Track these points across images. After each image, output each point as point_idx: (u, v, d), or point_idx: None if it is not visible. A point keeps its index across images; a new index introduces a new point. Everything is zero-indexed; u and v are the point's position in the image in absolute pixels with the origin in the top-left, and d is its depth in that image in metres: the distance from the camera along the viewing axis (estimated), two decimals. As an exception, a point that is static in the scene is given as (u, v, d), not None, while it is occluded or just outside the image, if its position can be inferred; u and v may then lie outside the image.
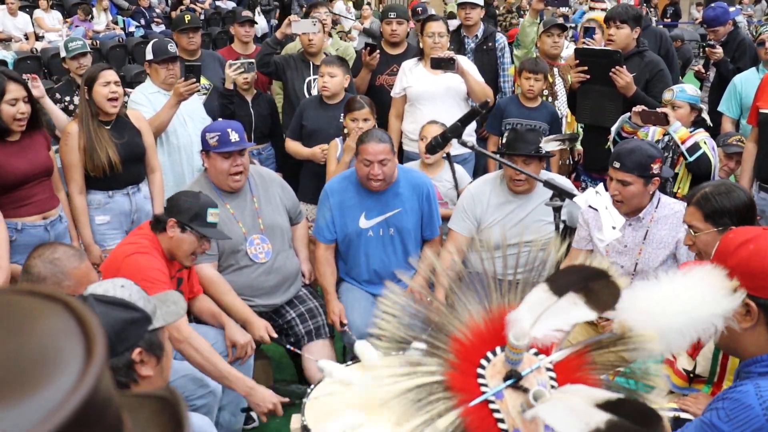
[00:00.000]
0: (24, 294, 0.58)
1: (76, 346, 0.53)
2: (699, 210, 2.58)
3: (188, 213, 2.94)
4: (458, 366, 1.09)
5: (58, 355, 0.52)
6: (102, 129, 3.60)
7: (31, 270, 2.35)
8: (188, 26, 4.73)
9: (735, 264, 1.63)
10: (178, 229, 2.94)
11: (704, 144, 3.73)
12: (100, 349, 0.53)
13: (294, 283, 3.59)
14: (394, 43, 4.97)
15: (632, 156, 3.08)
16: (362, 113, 3.96)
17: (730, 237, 1.73)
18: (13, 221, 3.31)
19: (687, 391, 2.56)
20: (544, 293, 1.10)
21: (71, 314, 0.56)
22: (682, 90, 3.95)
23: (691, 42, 13.87)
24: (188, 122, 4.14)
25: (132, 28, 12.30)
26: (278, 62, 4.76)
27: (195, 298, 3.28)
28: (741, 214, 2.52)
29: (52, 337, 0.53)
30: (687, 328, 1.22)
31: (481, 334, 1.13)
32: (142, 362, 1.76)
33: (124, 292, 1.82)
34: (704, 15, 5.88)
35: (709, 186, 2.66)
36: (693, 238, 2.61)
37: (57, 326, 0.55)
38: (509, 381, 1.07)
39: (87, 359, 0.52)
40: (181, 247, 2.96)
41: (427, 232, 3.69)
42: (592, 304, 1.09)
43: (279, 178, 3.80)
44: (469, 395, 1.06)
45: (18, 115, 3.24)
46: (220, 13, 13.81)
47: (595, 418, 0.93)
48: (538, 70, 4.51)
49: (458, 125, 2.49)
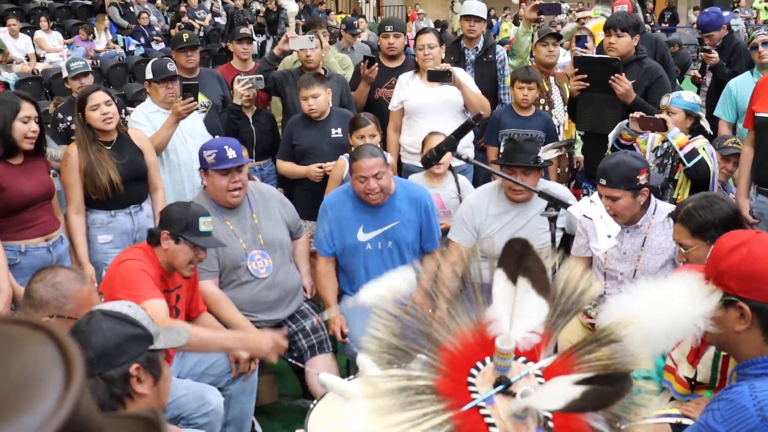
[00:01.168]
0: (10, 322, 0.60)
1: (57, 373, 0.55)
2: (684, 227, 2.60)
3: (180, 224, 2.96)
4: (449, 374, 1.12)
5: (38, 382, 0.54)
6: (102, 150, 3.62)
7: (33, 294, 2.37)
8: (186, 45, 4.76)
9: (728, 267, 1.65)
10: (171, 240, 2.96)
11: (703, 150, 3.74)
12: (79, 375, 0.56)
13: (296, 298, 3.60)
14: (391, 56, 5.01)
15: (617, 170, 3.09)
16: (368, 130, 4.00)
17: (723, 241, 1.74)
18: (16, 244, 3.33)
19: (689, 398, 2.56)
20: (504, 282, 1.14)
21: (53, 342, 0.58)
22: (678, 96, 3.97)
23: (689, 46, 13.90)
24: (188, 140, 4.17)
25: (132, 46, 12.40)
26: (276, 78, 4.80)
27: (199, 318, 3.29)
28: (726, 225, 2.52)
29: (33, 364, 0.56)
30: (669, 329, 1.25)
31: (470, 346, 1.15)
32: (139, 379, 1.80)
33: (130, 311, 1.89)
34: (698, 20, 5.91)
35: (690, 201, 2.67)
36: (685, 255, 2.62)
37: (39, 353, 0.57)
38: (499, 387, 1.09)
39: (66, 386, 0.55)
40: (177, 258, 2.98)
41: (426, 244, 3.70)
42: (535, 286, 1.13)
43: (278, 194, 3.82)
44: (459, 401, 1.08)
45: (29, 133, 3.29)
46: (220, 29, 13.92)
47: (573, 392, 0.99)
48: (531, 78, 4.53)
49: (453, 138, 2.51)
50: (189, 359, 3.17)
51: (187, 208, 3.03)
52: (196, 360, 3.18)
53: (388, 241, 3.61)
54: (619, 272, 3.24)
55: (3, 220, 3.29)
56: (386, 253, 3.62)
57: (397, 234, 3.61)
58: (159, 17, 13.92)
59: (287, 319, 3.55)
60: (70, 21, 12.68)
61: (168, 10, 14.98)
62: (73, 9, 13.70)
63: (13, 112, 3.25)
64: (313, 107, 4.22)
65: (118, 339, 1.80)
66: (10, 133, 3.25)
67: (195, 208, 3.05)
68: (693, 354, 2.49)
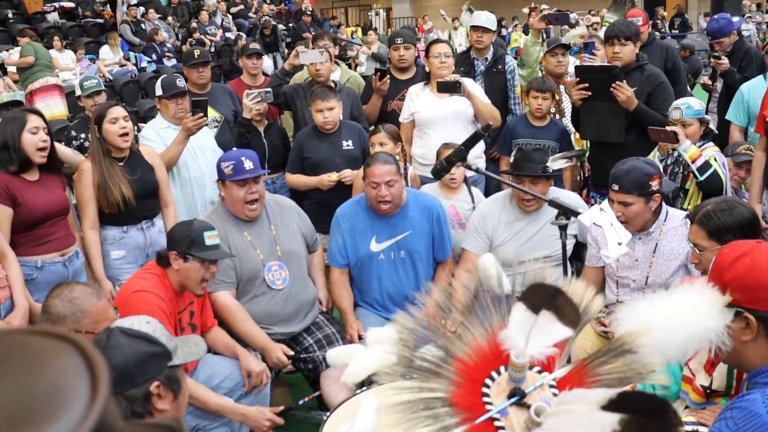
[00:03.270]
0: (36, 334, 0.62)
1: (83, 384, 0.57)
2: (702, 228, 2.59)
3: (185, 242, 2.98)
4: (463, 385, 1.12)
5: (65, 393, 0.56)
6: (115, 166, 3.66)
7: (50, 310, 2.39)
8: (197, 61, 4.80)
9: (731, 278, 1.65)
10: (180, 260, 2.99)
11: (714, 161, 3.72)
12: (104, 386, 0.58)
13: (311, 311, 3.62)
14: (402, 68, 5.03)
15: (629, 176, 3.08)
16: (378, 137, 4.06)
17: (726, 252, 1.74)
18: (33, 259, 3.37)
19: (705, 406, 2.55)
20: (524, 312, 1.13)
21: (80, 354, 0.60)
22: (689, 107, 3.93)
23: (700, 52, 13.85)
24: (199, 155, 4.20)
25: (144, 63, 12.50)
26: (287, 92, 4.82)
27: (210, 332, 3.31)
28: (744, 230, 2.52)
29: (61, 376, 0.58)
30: (684, 340, 1.24)
31: (484, 355, 1.16)
32: (159, 396, 1.80)
33: (149, 328, 1.89)
34: (708, 27, 5.89)
35: (710, 203, 2.66)
36: (699, 257, 2.62)
37: (66, 365, 0.59)
38: (513, 398, 1.09)
39: (92, 396, 0.57)
40: (189, 277, 3.00)
41: (439, 254, 3.71)
42: (563, 320, 1.12)
43: (296, 206, 3.82)
44: (473, 413, 1.09)
45: (40, 143, 3.33)
46: (231, 45, 14.01)
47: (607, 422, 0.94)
48: (546, 88, 4.55)
49: (462, 149, 2.53)
50: (201, 373, 3.19)
51: (189, 225, 3.05)
52: (209, 374, 3.19)
53: (400, 251, 3.62)
54: (631, 279, 3.24)
55: (19, 236, 3.33)
56: (399, 263, 3.63)
57: (409, 244, 3.62)
58: (170, 33, 14.04)
59: (302, 331, 3.56)
60: (82, 39, 12.81)
61: (179, 27, 15.12)
62: (85, 27, 13.85)
63: (21, 126, 3.30)
64: (328, 119, 4.23)
65: (138, 357, 1.80)
66: (20, 146, 3.29)
67: (198, 224, 3.07)
68: (710, 363, 2.48)
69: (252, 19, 17.05)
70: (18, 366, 0.57)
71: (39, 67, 9.15)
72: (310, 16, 17.32)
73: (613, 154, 4.02)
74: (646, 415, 0.93)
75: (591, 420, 0.97)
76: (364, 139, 4.41)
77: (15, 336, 0.62)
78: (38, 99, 8.56)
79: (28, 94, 8.79)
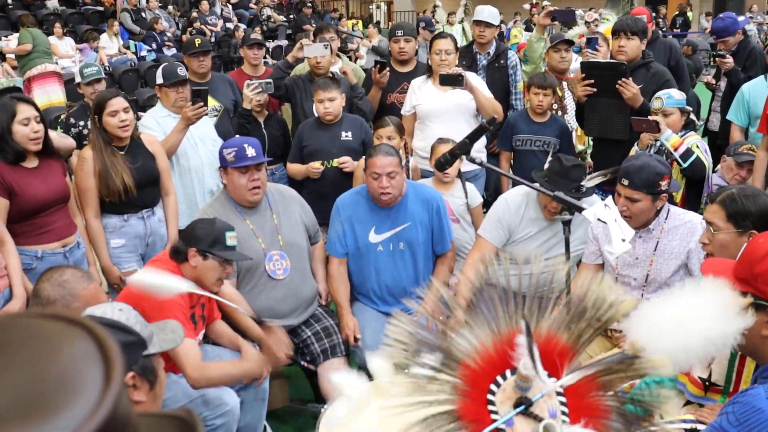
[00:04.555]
0: (47, 317, 0.60)
1: (96, 370, 0.55)
2: (723, 209, 2.60)
3: (207, 240, 2.95)
4: (468, 393, 1.09)
5: (78, 380, 0.54)
6: (116, 154, 3.63)
7: (40, 293, 2.37)
8: (198, 50, 4.78)
9: (762, 271, 1.63)
10: (200, 257, 2.95)
11: (696, 148, 3.75)
12: (119, 373, 0.56)
13: (311, 305, 3.60)
14: (403, 61, 5.01)
15: (641, 173, 3.06)
16: (386, 131, 4.07)
17: (760, 242, 1.71)
18: (33, 249, 3.32)
19: (703, 401, 2.55)
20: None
21: (92, 339, 0.58)
22: (669, 96, 3.97)
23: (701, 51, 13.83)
24: (199, 145, 4.18)
25: (144, 52, 12.44)
26: (287, 84, 4.80)
27: (213, 324, 3.29)
28: (764, 219, 2.54)
29: (73, 362, 0.56)
30: (699, 347, 1.21)
31: (490, 359, 1.13)
32: (135, 386, 1.75)
33: (122, 316, 1.82)
34: (713, 26, 5.88)
35: (735, 188, 2.69)
36: (711, 236, 2.61)
37: (78, 351, 0.57)
38: (519, 408, 1.07)
39: (106, 384, 0.55)
40: (207, 275, 2.97)
41: (438, 246, 3.69)
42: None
43: (298, 196, 3.80)
44: (479, 425, 1.06)
45: (32, 134, 3.25)
46: (231, 35, 13.96)
47: None
48: (547, 84, 4.53)
49: (466, 142, 2.51)
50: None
51: (212, 223, 3.02)
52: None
53: (399, 242, 3.60)
54: (632, 278, 3.23)
55: (18, 225, 3.28)
56: (398, 254, 3.61)
57: (408, 235, 3.59)
58: (170, 23, 13.98)
59: (300, 323, 3.54)
60: (82, 27, 12.75)
61: (179, 16, 15.06)
62: (85, 15, 13.79)
63: (10, 116, 3.21)
64: (329, 110, 4.22)
65: None
66: (11, 137, 3.21)
67: (220, 223, 3.04)
68: (708, 355, 2.47)
69: (253, 10, 16.99)
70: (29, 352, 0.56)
71: (37, 53, 9.11)
72: (311, 7, 17.26)
73: (616, 152, 4.01)
74: None
75: None
76: (366, 132, 4.39)
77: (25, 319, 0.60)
78: (36, 86, 8.51)
79: (26, 80, 8.74)
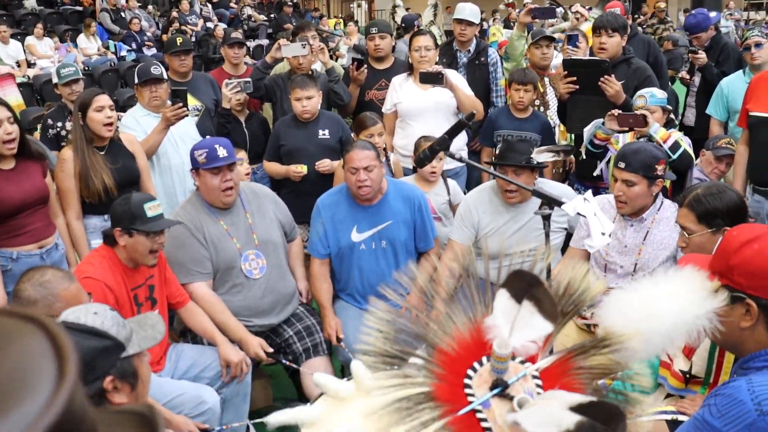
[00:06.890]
0: (1, 314, 0.59)
1: (49, 367, 0.54)
2: (692, 212, 2.62)
3: (126, 217, 2.94)
4: (445, 377, 1.09)
5: (29, 377, 0.53)
6: (96, 155, 3.60)
7: (21, 294, 2.34)
8: (179, 49, 4.76)
9: (737, 263, 1.63)
10: (126, 235, 2.95)
11: (682, 141, 3.79)
12: (72, 369, 0.54)
13: (290, 303, 3.58)
14: (379, 57, 5.01)
15: (637, 156, 3.12)
16: (377, 128, 4.09)
17: (734, 235, 1.71)
18: (8, 250, 3.28)
19: (684, 393, 2.56)
20: (507, 300, 1.11)
21: (46, 335, 0.57)
22: (652, 95, 4.00)
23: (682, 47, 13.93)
24: (180, 144, 4.16)
25: (123, 52, 12.35)
26: (267, 84, 4.79)
27: (185, 309, 3.28)
28: (733, 214, 2.57)
29: (25, 358, 0.54)
30: (672, 330, 1.22)
31: (467, 345, 1.13)
32: (115, 389, 1.74)
33: (96, 320, 1.79)
34: (686, 22, 5.95)
35: (700, 188, 2.70)
36: (687, 240, 2.63)
37: (31, 347, 0.56)
38: (496, 390, 1.07)
39: (59, 380, 0.53)
40: (137, 251, 2.97)
41: (421, 244, 3.69)
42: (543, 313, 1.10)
43: (272, 193, 3.78)
44: (455, 405, 1.06)
45: (5, 136, 3.18)
46: (212, 34, 13.89)
47: (566, 420, 0.96)
48: (527, 80, 4.53)
49: (445, 138, 2.51)
50: (183, 362, 3.16)
51: (128, 200, 3.00)
52: (190, 363, 3.17)
53: (381, 240, 3.59)
54: (619, 265, 3.25)
55: (-6, 227, 3.23)
56: (380, 253, 3.60)
57: (390, 233, 3.59)
58: (150, 22, 13.89)
59: (282, 322, 3.53)
60: (60, 27, 12.63)
61: (159, 16, 14.96)
62: (63, 15, 13.66)
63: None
64: (307, 108, 4.22)
65: (87, 355, 1.69)
66: None
67: (136, 197, 3.03)
68: (687, 347, 2.49)
69: (233, 9, 16.91)
70: None
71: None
72: (292, 6, 17.19)
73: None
74: (601, 420, 0.96)
75: (555, 416, 0.98)
76: (343, 128, 4.38)
77: None
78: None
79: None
